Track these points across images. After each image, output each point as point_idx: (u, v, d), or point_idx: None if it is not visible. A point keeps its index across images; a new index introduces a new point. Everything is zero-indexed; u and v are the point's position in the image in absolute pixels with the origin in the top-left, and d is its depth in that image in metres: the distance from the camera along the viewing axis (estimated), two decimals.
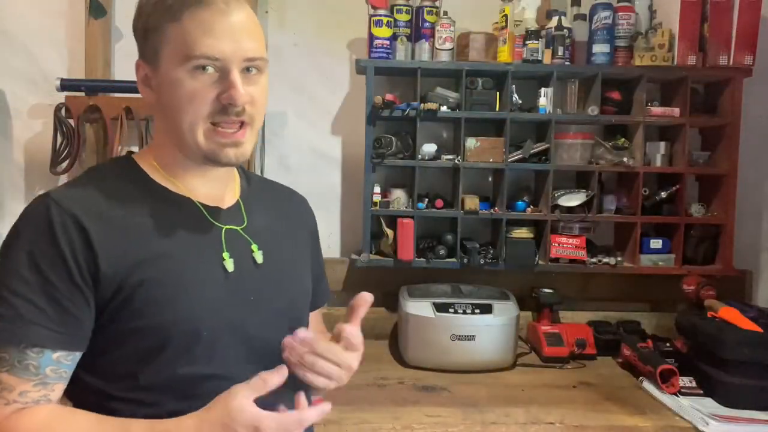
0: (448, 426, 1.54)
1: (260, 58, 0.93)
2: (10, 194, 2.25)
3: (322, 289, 1.20)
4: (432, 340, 1.91)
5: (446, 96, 2.09)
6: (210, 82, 0.90)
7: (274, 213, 1.09)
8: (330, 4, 2.27)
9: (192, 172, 0.98)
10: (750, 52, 2.05)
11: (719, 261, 2.15)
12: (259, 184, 1.13)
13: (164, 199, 0.96)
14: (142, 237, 0.90)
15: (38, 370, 0.85)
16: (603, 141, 2.16)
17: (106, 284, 0.87)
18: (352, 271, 2.24)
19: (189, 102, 0.90)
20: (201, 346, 0.90)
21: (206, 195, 0.99)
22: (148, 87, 0.96)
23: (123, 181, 0.95)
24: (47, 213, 0.87)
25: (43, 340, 0.84)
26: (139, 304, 0.87)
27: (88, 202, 0.89)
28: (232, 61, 0.90)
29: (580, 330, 2.08)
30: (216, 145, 0.92)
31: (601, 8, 2.10)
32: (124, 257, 0.88)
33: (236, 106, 0.90)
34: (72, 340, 0.87)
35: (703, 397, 1.68)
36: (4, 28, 2.20)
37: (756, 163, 2.25)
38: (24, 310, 0.84)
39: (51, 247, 0.85)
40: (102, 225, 0.88)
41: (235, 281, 0.96)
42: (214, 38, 0.89)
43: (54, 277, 0.85)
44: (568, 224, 2.14)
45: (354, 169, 2.27)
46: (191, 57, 0.88)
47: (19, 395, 0.84)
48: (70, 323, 0.86)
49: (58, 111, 2.11)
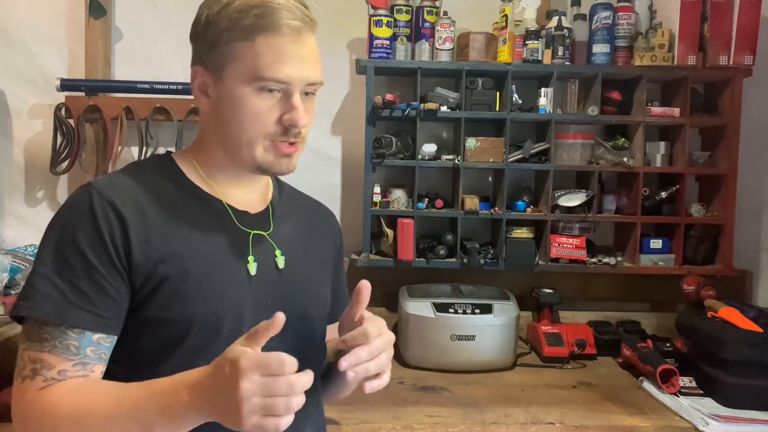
0: (448, 426, 1.54)
1: (319, 83, 0.99)
2: (10, 194, 2.25)
3: (342, 303, 1.21)
4: (432, 340, 1.91)
5: (446, 96, 2.09)
6: (273, 103, 0.95)
7: (300, 222, 1.13)
8: (330, 4, 2.27)
9: (231, 177, 1.03)
10: (750, 52, 2.05)
11: (719, 261, 2.15)
12: (290, 193, 1.17)
13: (197, 199, 1.00)
14: (173, 232, 0.94)
15: (78, 350, 0.87)
16: (603, 141, 2.16)
17: (137, 273, 0.90)
18: (352, 271, 2.22)
19: (252, 120, 0.95)
20: (219, 342, 0.90)
21: (238, 199, 1.03)
22: (204, 94, 1.00)
23: (160, 177, 1.00)
24: (89, 200, 0.91)
25: (85, 323, 0.88)
26: (164, 296, 0.91)
27: (127, 193, 0.94)
28: (296, 85, 0.95)
29: (580, 330, 2.08)
30: (273, 158, 0.97)
31: (601, 8, 2.10)
32: (155, 249, 0.92)
33: (297, 127, 0.96)
34: (111, 323, 0.90)
35: (703, 397, 1.68)
36: (4, 28, 2.20)
37: (756, 163, 2.24)
38: (68, 292, 0.87)
39: (93, 232, 0.90)
40: (138, 216, 0.92)
41: (257, 284, 0.99)
42: (285, 64, 0.93)
43: (96, 261, 0.89)
44: (568, 224, 2.14)
45: (354, 169, 2.27)
46: (261, 78, 0.93)
47: (58, 374, 0.86)
48: (110, 307, 0.89)
49: (58, 111, 2.11)
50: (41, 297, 0.88)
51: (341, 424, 1.52)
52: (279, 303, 0.98)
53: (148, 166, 1.04)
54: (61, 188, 2.26)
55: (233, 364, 0.77)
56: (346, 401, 1.57)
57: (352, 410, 1.58)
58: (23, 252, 2.00)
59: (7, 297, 1.83)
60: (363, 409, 1.60)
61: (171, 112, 2.11)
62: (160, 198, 0.97)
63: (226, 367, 0.77)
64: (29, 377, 0.87)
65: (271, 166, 0.98)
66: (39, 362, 0.87)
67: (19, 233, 2.24)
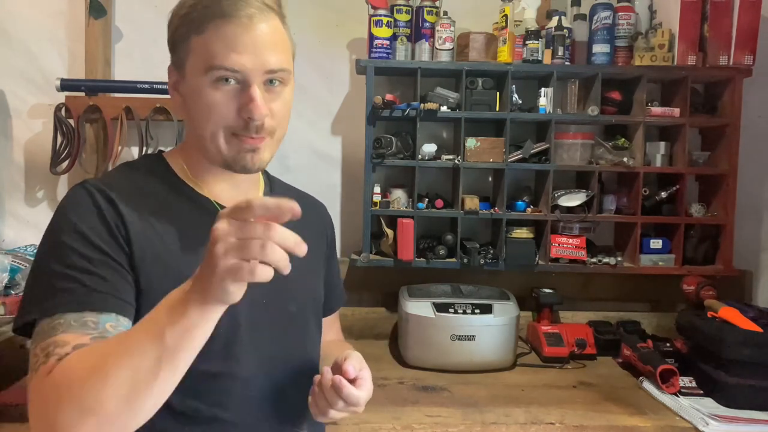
0: (448, 426, 1.54)
1: (282, 70, 0.94)
2: (10, 194, 2.25)
3: (337, 295, 1.25)
4: (432, 340, 1.91)
5: (446, 96, 2.09)
6: (231, 95, 0.92)
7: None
8: (330, 4, 2.27)
9: (217, 177, 1.01)
10: (750, 52, 2.05)
11: (719, 261, 2.15)
12: (281, 189, 1.16)
13: (188, 198, 1.00)
14: (167, 232, 0.94)
15: (97, 325, 0.84)
16: (603, 141, 2.16)
17: (135, 266, 0.90)
18: (352, 271, 2.24)
19: (209, 112, 0.93)
20: (217, 343, 0.89)
21: (228, 197, 1.02)
22: (177, 92, 1.00)
23: (152, 178, 1.00)
24: (89, 194, 0.91)
25: (107, 306, 0.85)
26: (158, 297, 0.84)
27: (121, 191, 0.93)
28: (253, 74, 0.92)
29: (580, 330, 2.08)
30: (236, 152, 0.95)
31: (601, 8, 2.10)
32: (150, 247, 0.91)
33: (255, 120, 0.92)
34: (131, 308, 0.88)
35: (703, 397, 1.68)
36: (4, 28, 2.20)
37: (756, 163, 2.24)
38: (87, 281, 0.85)
39: (100, 223, 0.89)
40: (134, 213, 0.92)
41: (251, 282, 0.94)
42: (235, 51, 0.91)
43: (109, 248, 0.88)
44: (568, 224, 2.14)
45: (354, 169, 2.27)
46: (212, 68, 0.91)
47: (73, 348, 0.80)
48: (128, 291, 0.88)
49: (58, 111, 2.11)
50: (60, 292, 0.84)
51: (341, 424, 1.52)
52: (272, 300, 1.00)
53: (139, 167, 1.03)
54: (61, 188, 2.26)
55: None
56: None
57: None
58: (23, 252, 2.00)
59: (7, 297, 1.83)
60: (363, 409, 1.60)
61: (171, 112, 2.11)
62: (153, 199, 0.96)
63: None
64: (42, 362, 0.80)
65: (234, 161, 0.96)
66: (52, 345, 0.81)
67: (19, 233, 2.24)
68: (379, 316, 2.24)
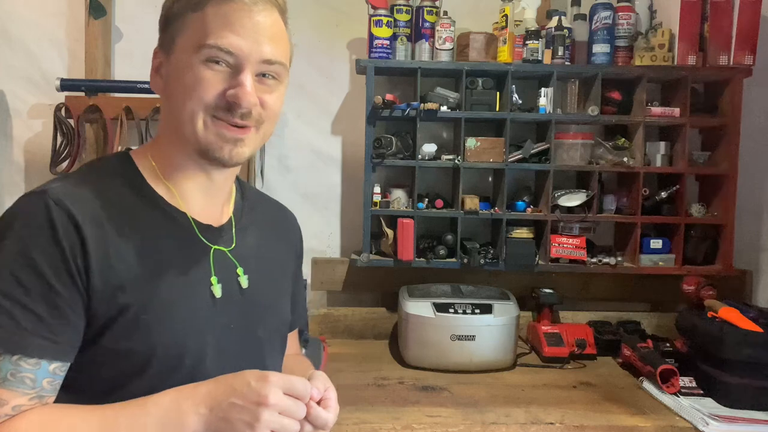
0: (448, 426, 1.54)
1: (278, 63, 0.89)
2: (10, 194, 2.25)
3: (299, 313, 1.19)
4: (432, 340, 1.91)
5: (446, 96, 2.09)
6: (220, 77, 0.86)
7: (263, 233, 1.05)
8: (330, 4, 2.27)
9: (188, 175, 0.93)
10: (750, 52, 2.05)
11: (719, 261, 2.15)
12: (252, 199, 1.08)
13: (160, 211, 0.91)
14: (135, 254, 0.85)
15: (35, 383, 0.78)
16: (603, 141, 2.16)
17: (95, 299, 0.82)
18: (352, 271, 2.24)
19: (193, 88, 0.86)
20: (182, 373, 0.86)
21: (201, 208, 0.95)
22: (158, 75, 0.93)
23: (119, 184, 0.90)
24: (47, 211, 0.80)
25: (42, 352, 0.78)
26: (123, 327, 0.83)
27: (86, 206, 0.84)
28: (247, 60, 0.86)
29: (580, 330, 2.08)
30: (215, 137, 0.87)
31: (601, 8, 2.10)
32: (115, 275, 0.83)
33: (241, 107, 0.86)
34: (68, 350, 0.81)
35: (703, 397, 1.68)
36: (4, 28, 2.20)
37: (756, 163, 2.24)
38: (21, 317, 0.77)
39: (54, 247, 0.79)
40: (98, 234, 0.83)
41: (220, 307, 0.92)
42: (233, 32, 0.85)
43: (56, 280, 0.79)
44: (568, 224, 2.14)
45: (354, 169, 2.27)
46: (204, 46, 0.85)
47: (12, 409, 0.78)
48: (68, 332, 0.80)
49: (58, 111, 2.11)
50: None
51: (341, 424, 1.51)
52: (241, 325, 0.95)
53: (106, 169, 0.92)
54: None
55: (262, 378, 0.79)
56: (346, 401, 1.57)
57: (352, 410, 1.58)
58: None
59: None
60: (363, 409, 1.60)
61: None
62: (121, 212, 0.87)
63: (252, 381, 0.79)
64: None
65: (211, 148, 0.87)
66: None
67: None
68: (379, 316, 2.24)
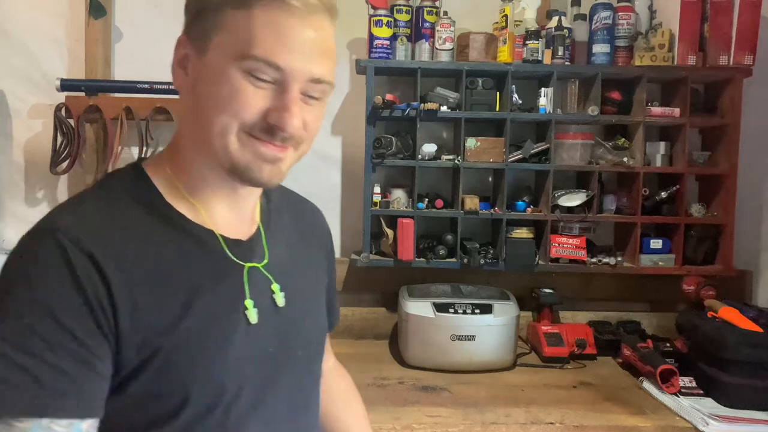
0: (448, 426, 1.54)
1: (326, 82, 0.79)
2: (10, 194, 2.25)
3: (333, 315, 1.09)
4: (432, 340, 1.91)
5: (446, 96, 2.09)
6: (263, 93, 0.75)
7: (293, 239, 0.96)
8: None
9: (217, 192, 0.83)
10: (750, 52, 2.04)
11: (719, 261, 2.15)
12: (277, 200, 0.97)
13: (183, 234, 0.80)
14: (162, 289, 0.76)
15: None
16: (603, 141, 2.16)
17: (123, 344, 0.73)
18: (352, 271, 2.24)
19: (229, 101, 0.75)
20: (219, 410, 0.78)
21: (227, 221, 0.85)
22: (183, 69, 0.81)
23: (136, 207, 0.79)
24: (63, 252, 0.71)
25: (73, 412, 0.68)
26: (155, 370, 0.74)
27: (105, 241, 0.74)
28: (295, 78, 0.75)
29: (580, 330, 2.08)
30: (252, 156, 0.77)
31: (601, 8, 2.10)
32: (144, 316, 0.73)
33: (284, 132, 0.76)
34: (101, 404, 0.72)
35: (703, 397, 1.68)
36: (4, 28, 2.20)
37: (756, 163, 2.24)
38: (46, 376, 0.67)
39: (75, 293, 0.70)
40: (121, 273, 0.73)
41: (257, 332, 0.83)
42: (284, 46, 0.74)
43: (81, 332, 0.70)
44: (568, 224, 2.14)
45: (354, 169, 2.27)
46: (250, 56, 0.74)
47: None
48: (98, 386, 0.71)
49: (58, 111, 2.11)
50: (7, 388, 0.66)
51: None
52: (280, 348, 0.86)
53: (119, 191, 0.81)
54: (61, 188, 2.26)
55: None
56: None
57: None
58: None
59: None
60: None
61: (171, 113, 2.10)
62: (143, 242, 0.76)
63: None
64: None
65: (248, 169, 0.78)
66: None
67: (19, 233, 2.19)
68: (379, 316, 2.24)
